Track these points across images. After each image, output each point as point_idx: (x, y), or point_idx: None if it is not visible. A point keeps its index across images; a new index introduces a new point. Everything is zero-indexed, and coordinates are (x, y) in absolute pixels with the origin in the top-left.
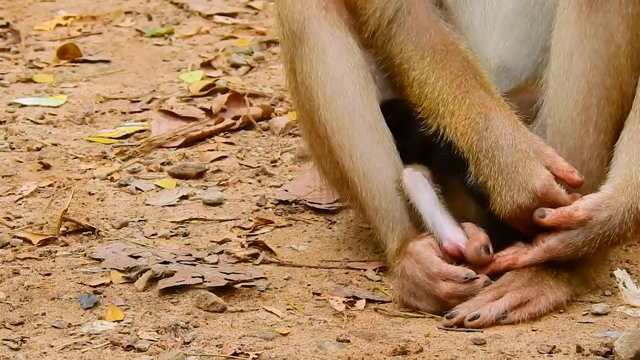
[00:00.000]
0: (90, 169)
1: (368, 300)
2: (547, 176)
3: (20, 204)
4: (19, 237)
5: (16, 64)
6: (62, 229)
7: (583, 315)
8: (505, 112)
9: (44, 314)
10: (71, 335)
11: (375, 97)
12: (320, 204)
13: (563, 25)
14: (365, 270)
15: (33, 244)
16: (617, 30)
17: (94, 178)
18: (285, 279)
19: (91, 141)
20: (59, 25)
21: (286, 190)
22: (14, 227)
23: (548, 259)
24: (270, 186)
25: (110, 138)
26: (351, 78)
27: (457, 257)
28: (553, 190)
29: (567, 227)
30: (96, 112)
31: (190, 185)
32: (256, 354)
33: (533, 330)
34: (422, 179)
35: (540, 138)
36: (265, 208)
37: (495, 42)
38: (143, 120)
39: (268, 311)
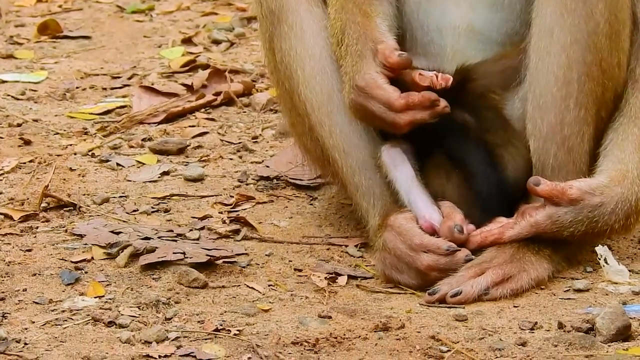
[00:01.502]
0: (71, 144)
1: (350, 277)
2: (373, 77)
3: (0, 180)
4: None
5: None
6: (43, 204)
7: (564, 291)
8: (360, 19)
9: (25, 290)
10: (52, 311)
11: None
12: (302, 180)
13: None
14: (346, 246)
15: (14, 220)
16: (597, 7)
17: (75, 154)
18: (266, 255)
19: (72, 117)
20: (39, 1)
21: (267, 166)
22: None
23: (534, 234)
24: (252, 162)
25: (91, 114)
26: (329, 54)
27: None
28: (375, 89)
29: (556, 203)
30: (77, 88)
31: (171, 161)
32: (238, 330)
33: (515, 306)
34: (401, 154)
35: (390, 37)
36: (247, 184)
37: (465, 7)
38: (124, 96)
39: (249, 287)
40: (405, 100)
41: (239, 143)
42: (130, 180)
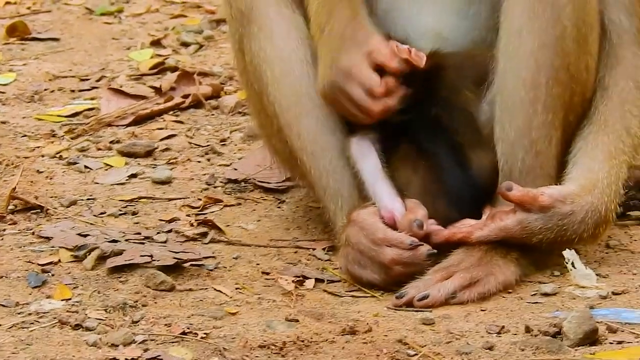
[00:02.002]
0: (39, 147)
1: (317, 280)
2: (359, 57)
3: None
4: None
5: None
6: (10, 207)
7: (532, 295)
8: (347, 7)
9: None
10: (19, 314)
11: None
12: (270, 182)
13: (512, 2)
14: (314, 249)
15: None
16: (564, 11)
17: (42, 156)
18: (234, 258)
19: (40, 119)
20: (8, 3)
21: (235, 169)
22: None
23: (502, 238)
24: (220, 165)
25: (59, 116)
26: (298, 56)
27: (393, 227)
28: (360, 72)
29: (527, 209)
30: (45, 90)
31: (139, 164)
32: (205, 333)
33: (482, 310)
34: (369, 146)
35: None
36: (215, 187)
37: (432, 15)
38: (92, 99)
39: (217, 290)
40: (385, 87)
41: (207, 146)
42: (98, 183)
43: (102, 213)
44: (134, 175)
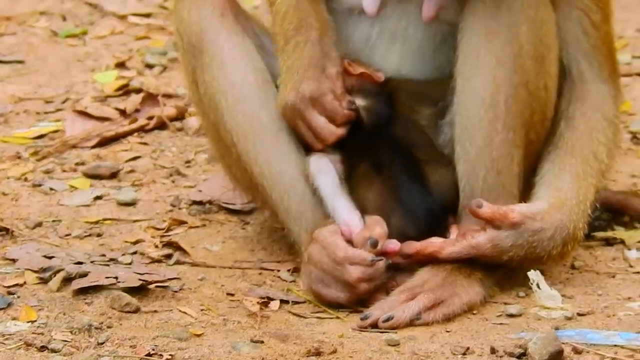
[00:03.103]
0: (4, 169)
1: (282, 301)
2: (325, 87)
3: None
4: None
5: None
6: None
7: (497, 316)
8: (318, 25)
9: None
10: None
11: (274, 99)
12: (234, 204)
13: (469, 22)
14: (279, 270)
15: None
16: (520, 29)
17: (8, 178)
18: (199, 280)
19: (5, 141)
20: None
21: (200, 191)
22: None
23: (474, 256)
24: (184, 186)
25: (25, 138)
26: (250, 82)
27: (348, 241)
28: (323, 99)
29: (497, 227)
30: (10, 112)
31: (104, 186)
32: (170, 355)
33: (447, 331)
34: (327, 164)
35: (340, 60)
36: (179, 208)
37: (394, 57)
38: (57, 121)
39: (182, 312)
40: (346, 117)
41: (172, 167)
42: (63, 205)
43: (67, 235)
44: (99, 197)
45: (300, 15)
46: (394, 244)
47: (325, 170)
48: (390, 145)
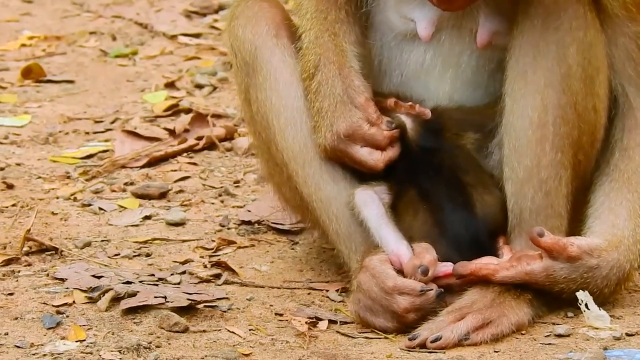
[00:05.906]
0: (53, 188)
1: (330, 321)
2: (357, 119)
3: None
4: None
5: None
6: (25, 248)
7: (545, 336)
8: (335, 58)
9: (6, 334)
10: (34, 354)
11: None
12: (283, 224)
13: (517, 42)
14: (327, 290)
15: None
16: (568, 50)
17: (57, 198)
18: (247, 300)
19: (55, 161)
20: (23, 45)
21: (249, 211)
22: None
23: (525, 282)
24: (233, 206)
25: (74, 158)
26: (300, 107)
27: (399, 271)
28: (360, 132)
29: (554, 257)
30: (60, 132)
31: (153, 206)
32: None
33: (495, 351)
34: (372, 195)
35: (366, 87)
36: (228, 228)
37: (448, 85)
38: (106, 141)
39: (230, 331)
40: (389, 138)
41: (221, 187)
42: (112, 225)
43: (116, 254)
44: (147, 217)
45: (317, 50)
46: (446, 267)
47: (371, 203)
48: (435, 173)
